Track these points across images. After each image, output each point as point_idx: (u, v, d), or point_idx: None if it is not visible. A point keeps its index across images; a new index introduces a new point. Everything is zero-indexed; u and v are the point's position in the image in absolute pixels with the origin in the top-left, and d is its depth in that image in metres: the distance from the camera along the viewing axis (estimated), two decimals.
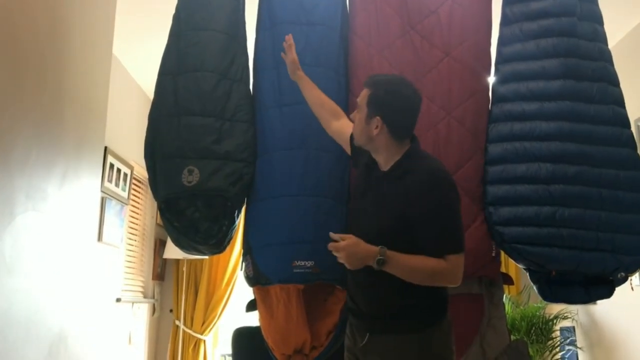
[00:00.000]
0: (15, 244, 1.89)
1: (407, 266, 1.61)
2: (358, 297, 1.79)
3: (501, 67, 2.42)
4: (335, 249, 1.63)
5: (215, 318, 4.88)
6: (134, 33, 3.68)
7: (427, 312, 1.70)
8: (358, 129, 1.80)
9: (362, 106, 1.78)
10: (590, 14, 2.42)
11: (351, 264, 1.63)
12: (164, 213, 2.27)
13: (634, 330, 3.74)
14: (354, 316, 1.82)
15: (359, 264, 1.62)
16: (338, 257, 1.63)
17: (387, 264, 1.59)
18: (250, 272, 2.28)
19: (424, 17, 2.47)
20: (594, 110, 2.29)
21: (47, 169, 2.12)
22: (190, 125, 2.26)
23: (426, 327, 1.68)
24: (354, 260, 1.62)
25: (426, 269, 1.61)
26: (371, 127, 1.74)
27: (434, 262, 1.61)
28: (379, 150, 1.78)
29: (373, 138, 1.76)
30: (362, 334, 1.75)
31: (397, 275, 1.62)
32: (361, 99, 1.80)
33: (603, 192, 2.21)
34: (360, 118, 1.78)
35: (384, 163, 1.78)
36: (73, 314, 2.35)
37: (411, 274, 1.62)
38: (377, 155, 1.80)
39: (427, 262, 1.61)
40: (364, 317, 1.77)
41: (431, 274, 1.62)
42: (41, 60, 2.11)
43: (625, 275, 2.19)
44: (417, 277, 1.63)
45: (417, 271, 1.62)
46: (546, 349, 4.49)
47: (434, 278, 1.64)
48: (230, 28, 2.42)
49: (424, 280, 1.64)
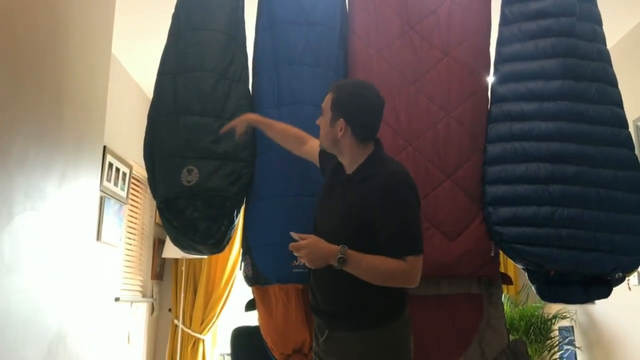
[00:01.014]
0: (14, 244, 1.89)
1: (367, 266, 1.63)
2: (318, 295, 1.81)
3: (500, 67, 2.42)
4: (296, 248, 1.65)
5: (214, 317, 4.88)
6: (134, 32, 3.68)
7: (383, 310, 1.72)
8: (323, 132, 1.85)
9: (326, 110, 1.83)
10: (589, 15, 2.43)
11: (312, 262, 1.64)
12: (163, 212, 2.27)
13: (632, 330, 3.75)
14: (316, 314, 1.85)
15: (320, 263, 1.64)
16: (299, 256, 1.64)
17: (348, 263, 1.60)
18: (249, 272, 2.28)
19: (423, 17, 2.47)
20: (592, 111, 2.29)
21: (46, 168, 2.12)
22: (189, 125, 2.26)
23: (382, 324, 1.70)
24: (315, 259, 1.63)
25: (385, 270, 1.63)
26: (336, 130, 1.79)
27: (393, 263, 1.63)
28: (344, 152, 1.82)
29: (338, 140, 1.80)
30: (322, 331, 1.78)
31: (357, 275, 1.63)
32: (325, 103, 1.84)
33: (601, 192, 2.21)
34: (325, 121, 1.83)
35: (349, 166, 1.82)
36: (72, 313, 2.35)
37: (370, 274, 1.64)
38: (342, 158, 1.84)
39: (386, 263, 1.63)
40: (324, 315, 1.80)
41: (390, 275, 1.64)
42: (40, 60, 2.11)
43: (623, 275, 2.20)
44: (376, 277, 1.64)
45: (376, 271, 1.63)
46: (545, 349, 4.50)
47: (392, 279, 1.65)
48: (230, 28, 2.42)
49: (383, 280, 1.65)
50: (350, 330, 1.72)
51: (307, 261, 1.64)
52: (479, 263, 2.22)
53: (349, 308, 1.73)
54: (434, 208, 2.22)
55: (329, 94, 1.84)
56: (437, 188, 2.26)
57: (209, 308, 4.89)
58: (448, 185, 2.27)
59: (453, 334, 2.20)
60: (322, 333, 1.79)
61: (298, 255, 1.65)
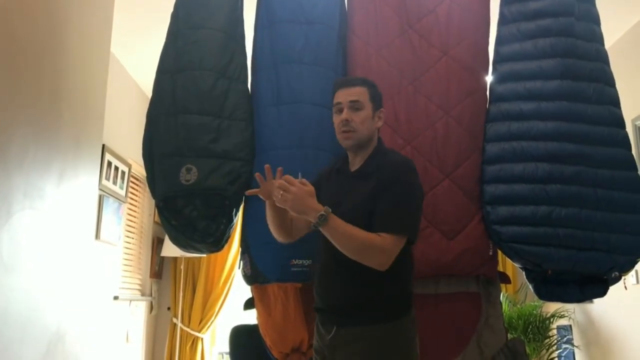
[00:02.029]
0: (13, 242, 1.89)
1: (344, 231, 1.62)
2: (324, 291, 1.79)
3: (499, 67, 2.42)
4: (286, 186, 1.62)
5: (212, 316, 4.88)
6: (132, 31, 3.68)
7: (393, 305, 1.72)
8: (365, 125, 1.80)
9: (365, 103, 1.80)
10: (587, 15, 2.43)
11: (293, 207, 1.62)
12: (161, 211, 2.28)
13: (630, 329, 3.76)
14: (321, 312, 1.82)
15: (300, 210, 1.62)
16: (284, 196, 1.62)
17: (327, 223, 1.60)
18: (248, 271, 2.28)
19: (422, 16, 2.47)
20: (590, 111, 2.30)
21: (44, 167, 2.12)
22: (188, 123, 2.26)
23: (392, 320, 1.70)
24: (298, 205, 1.62)
25: (361, 239, 1.62)
26: (376, 121, 1.83)
27: (371, 235, 1.63)
28: (371, 145, 1.83)
29: (374, 133, 1.84)
30: (329, 329, 1.75)
31: (332, 241, 1.63)
32: (361, 96, 1.81)
33: (599, 192, 2.22)
34: (367, 115, 1.80)
35: (359, 161, 1.83)
36: (71, 311, 2.36)
37: (346, 242, 1.63)
38: (362, 152, 1.83)
39: (364, 234, 1.63)
40: (331, 311, 1.77)
41: (364, 246, 1.62)
42: (39, 59, 2.11)
43: (619, 274, 2.20)
44: (350, 246, 1.63)
45: (352, 239, 1.62)
46: (543, 348, 4.51)
47: (365, 251, 1.63)
48: (229, 27, 2.42)
49: (356, 251, 1.63)
50: (360, 325, 1.69)
51: (289, 203, 1.62)
52: (477, 262, 2.22)
53: (359, 302, 1.71)
54: (432, 207, 2.22)
55: (359, 88, 1.82)
56: (436, 187, 2.26)
57: (207, 307, 4.89)
58: (447, 185, 2.27)
59: (451, 332, 2.21)
60: (328, 331, 1.75)
61: (284, 193, 1.62)
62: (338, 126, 1.82)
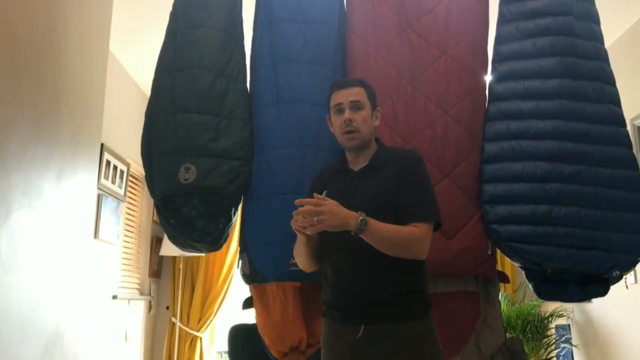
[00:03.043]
0: (11, 241, 1.89)
1: (385, 231, 1.62)
2: (347, 287, 1.73)
3: (498, 66, 2.42)
4: (316, 205, 1.57)
5: (211, 315, 4.88)
6: (131, 30, 3.67)
7: (419, 301, 1.72)
8: (366, 125, 1.81)
9: (365, 102, 1.82)
10: (587, 13, 2.43)
11: (331, 224, 1.57)
12: (160, 210, 2.27)
13: (629, 328, 3.76)
14: (343, 311, 1.75)
15: (339, 225, 1.58)
16: (318, 216, 1.56)
17: (368, 227, 1.58)
18: (246, 270, 2.28)
19: (421, 15, 2.47)
20: (590, 109, 2.30)
21: (43, 166, 2.12)
22: (187, 122, 2.26)
23: (422, 316, 1.70)
24: (335, 220, 1.57)
25: (402, 236, 1.64)
26: (374, 121, 1.86)
27: (408, 229, 1.65)
28: (371, 144, 1.85)
29: (373, 132, 1.86)
30: (355, 328, 1.67)
31: (372, 243, 1.61)
32: (361, 96, 1.82)
33: (599, 191, 2.22)
34: (367, 114, 1.82)
35: (363, 160, 1.83)
36: (69, 311, 2.35)
37: (387, 241, 1.63)
38: (364, 151, 1.83)
39: (402, 229, 1.65)
40: (355, 308, 1.71)
41: (404, 241, 1.64)
42: (38, 58, 2.11)
43: (620, 273, 2.20)
44: (392, 245, 1.63)
45: (393, 238, 1.63)
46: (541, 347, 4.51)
47: (408, 246, 1.64)
48: (228, 26, 2.42)
49: (398, 248, 1.64)
50: (392, 321, 1.65)
51: (327, 221, 1.56)
52: (476, 261, 2.22)
53: (386, 296, 1.67)
54: None
55: (357, 88, 1.84)
56: (435, 186, 2.25)
57: (206, 306, 4.89)
58: (446, 184, 2.27)
59: (450, 332, 2.20)
60: (355, 330, 1.67)
61: (317, 213, 1.56)
62: (340, 127, 1.81)
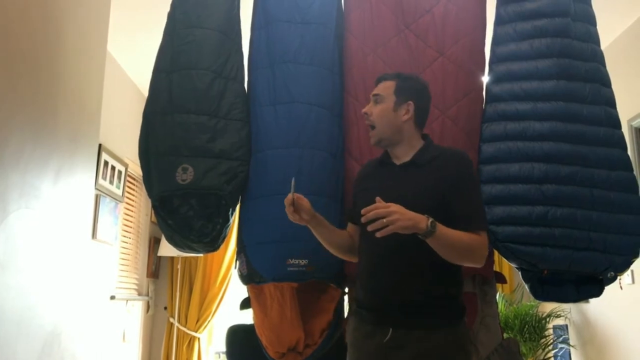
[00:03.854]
0: (9, 242, 1.89)
1: (450, 237, 1.56)
2: (378, 287, 1.69)
3: (495, 67, 2.43)
4: (386, 207, 1.49)
5: (209, 316, 4.88)
6: (129, 30, 3.67)
7: (452, 307, 1.68)
8: (383, 120, 1.78)
9: (388, 96, 1.79)
10: (583, 15, 2.43)
11: (403, 224, 1.48)
12: (158, 211, 2.27)
13: (626, 328, 3.77)
14: (370, 310, 1.71)
15: (410, 225, 1.49)
16: (389, 217, 1.47)
17: (436, 232, 1.51)
18: (244, 270, 2.28)
19: (418, 16, 2.47)
20: (586, 111, 2.30)
21: (41, 166, 2.12)
22: (184, 123, 2.26)
23: (454, 323, 1.66)
24: (407, 221, 1.48)
25: (464, 243, 1.59)
26: (400, 114, 1.77)
27: (470, 237, 1.60)
28: (403, 139, 1.79)
29: (400, 126, 1.78)
30: (383, 330, 1.65)
31: (435, 247, 1.55)
32: (385, 90, 1.80)
33: (595, 192, 2.22)
34: (386, 108, 1.78)
35: (404, 153, 1.78)
36: (67, 311, 2.35)
37: (452, 247, 1.58)
38: (398, 146, 1.80)
39: (465, 236, 1.59)
40: (385, 310, 1.68)
41: (469, 249, 1.60)
42: (35, 58, 2.11)
43: (615, 274, 2.21)
44: (455, 251, 1.59)
45: (458, 244, 1.58)
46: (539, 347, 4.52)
47: (471, 253, 1.62)
48: (225, 26, 2.42)
49: (461, 255, 1.61)
50: (423, 328, 1.62)
51: (398, 223, 1.48)
52: None
53: (419, 301, 1.64)
54: None
55: (388, 82, 1.81)
56: None
57: (204, 306, 4.89)
58: None
59: None
60: (384, 332, 1.64)
61: (388, 217, 1.47)
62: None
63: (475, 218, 1.68)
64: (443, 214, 1.61)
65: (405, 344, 1.61)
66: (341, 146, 2.37)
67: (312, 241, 1.95)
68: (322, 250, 1.89)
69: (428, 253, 1.57)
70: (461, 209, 1.65)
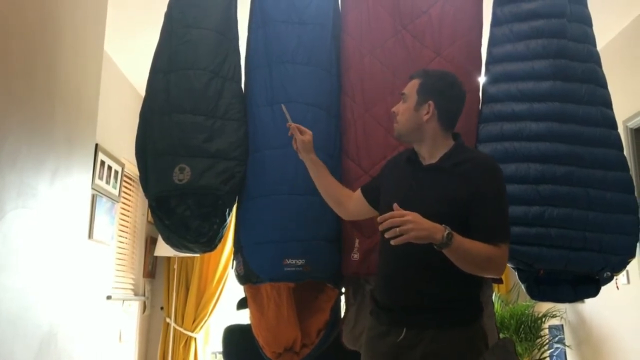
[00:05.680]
0: (5, 241, 1.89)
1: (468, 248, 1.55)
2: (394, 288, 1.71)
3: (491, 68, 2.43)
4: (398, 220, 1.48)
5: (206, 316, 4.88)
6: (126, 30, 3.67)
7: (469, 305, 1.68)
8: (405, 118, 1.79)
9: (411, 95, 1.80)
10: (580, 16, 2.44)
11: (418, 235, 1.48)
12: (154, 211, 2.27)
13: (621, 328, 3.79)
14: (385, 310, 1.73)
15: (425, 236, 1.49)
16: (403, 226, 1.47)
17: (453, 242, 1.50)
18: (241, 270, 2.28)
19: (415, 17, 2.47)
20: (582, 112, 2.31)
21: (37, 166, 2.12)
22: (181, 123, 2.26)
23: (469, 322, 1.66)
24: (422, 231, 1.48)
25: (484, 255, 1.57)
26: (421, 114, 1.76)
27: (490, 249, 1.58)
28: (425, 139, 1.78)
29: (422, 125, 1.77)
30: (397, 330, 1.66)
31: (452, 258, 1.54)
32: (409, 89, 1.81)
33: (591, 192, 2.23)
34: (408, 107, 1.79)
35: (429, 155, 1.77)
36: (63, 311, 2.35)
37: (468, 258, 1.56)
38: (422, 145, 1.79)
39: (485, 248, 1.58)
40: (399, 311, 1.69)
41: (486, 260, 1.58)
42: (32, 57, 2.11)
43: (611, 274, 2.22)
44: (471, 262, 1.57)
45: (475, 255, 1.56)
46: (535, 347, 4.53)
47: (488, 265, 1.60)
48: (222, 26, 2.42)
49: (478, 266, 1.59)
50: (433, 327, 1.62)
51: (413, 232, 1.47)
52: None
53: (429, 302, 1.65)
54: None
55: (414, 80, 1.81)
56: None
57: (201, 306, 4.89)
58: None
59: None
60: (397, 333, 1.65)
61: (403, 227, 1.47)
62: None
63: (497, 230, 1.64)
64: (464, 222, 1.60)
65: (417, 343, 1.62)
66: (338, 147, 2.37)
67: (309, 241, 1.96)
68: (319, 250, 1.89)
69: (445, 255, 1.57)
70: (483, 219, 1.63)
